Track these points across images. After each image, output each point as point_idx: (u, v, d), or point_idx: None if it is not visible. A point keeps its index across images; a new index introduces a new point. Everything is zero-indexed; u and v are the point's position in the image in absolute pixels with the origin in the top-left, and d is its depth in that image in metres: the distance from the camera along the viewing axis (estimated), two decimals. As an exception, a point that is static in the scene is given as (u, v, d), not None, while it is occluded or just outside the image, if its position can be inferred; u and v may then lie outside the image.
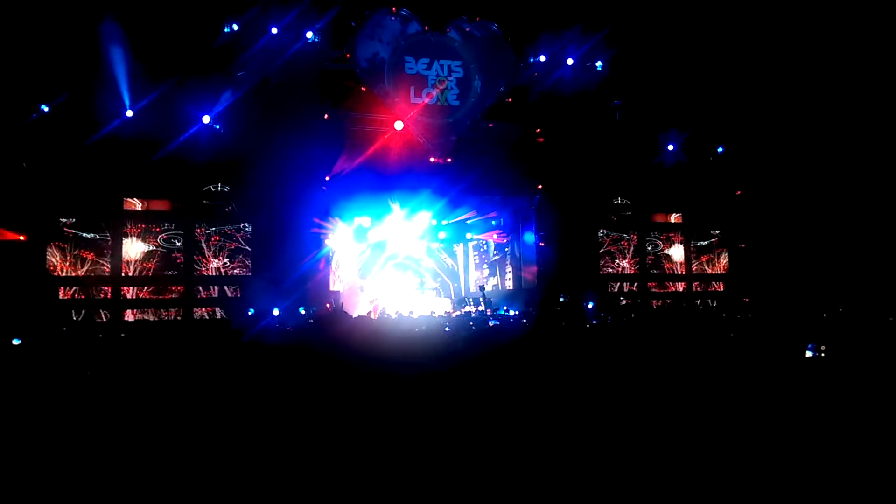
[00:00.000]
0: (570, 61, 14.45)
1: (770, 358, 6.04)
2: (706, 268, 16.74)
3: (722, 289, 16.71)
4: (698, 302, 16.36)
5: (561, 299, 13.57)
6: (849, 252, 14.35)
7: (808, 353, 5.88)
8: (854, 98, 13.84)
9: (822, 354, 5.87)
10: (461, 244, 17.76)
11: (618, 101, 15.36)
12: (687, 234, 16.67)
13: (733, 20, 14.10)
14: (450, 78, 14.51)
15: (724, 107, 14.95)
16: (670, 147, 15.21)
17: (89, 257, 12.39)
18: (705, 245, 16.72)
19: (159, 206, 13.21)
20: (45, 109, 11.69)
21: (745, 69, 14.41)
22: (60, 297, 12.13)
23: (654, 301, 16.15)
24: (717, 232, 16.80)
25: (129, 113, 12.10)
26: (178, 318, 12.78)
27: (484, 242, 17.79)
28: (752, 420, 4.20)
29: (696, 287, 16.62)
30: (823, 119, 14.27)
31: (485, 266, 17.96)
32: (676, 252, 16.63)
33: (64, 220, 12.27)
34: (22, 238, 11.58)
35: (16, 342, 6.17)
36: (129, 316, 12.64)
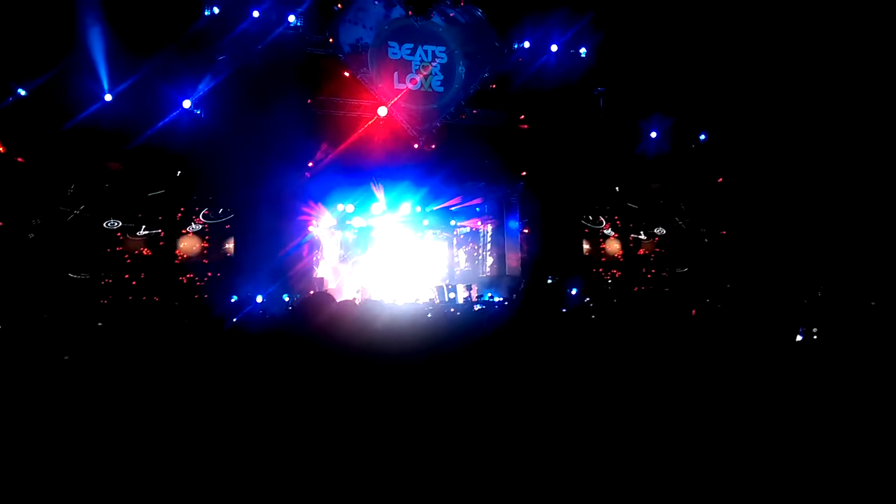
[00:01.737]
0: (554, 48, 14.41)
1: (752, 340, 6.10)
2: (689, 253, 16.87)
3: (703, 274, 16.86)
4: (681, 287, 16.50)
5: (549, 280, 13.64)
6: (830, 238, 14.50)
7: (798, 337, 5.94)
8: (835, 85, 13.94)
9: (814, 336, 5.93)
10: (443, 231, 17.71)
11: (601, 89, 15.36)
12: (669, 220, 16.78)
13: (716, 4, 14.11)
14: (434, 63, 14.43)
15: (708, 94, 15.00)
16: (653, 134, 15.26)
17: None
18: (687, 232, 16.84)
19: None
20: (22, 93, 11.47)
21: (730, 56, 14.44)
22: (40, 282, 11.98)
23: (638, 286, 16.26)
24: (699, 218, 16.92)
25: (108, 97, 11.91)
26: (159, 304, 12.68)
27: (466, 231, 17.74)
28: (733, 403, 4.24)
29: (679, 272, 16.77)
30: (805, 105, 14.36)
31: (464, 253, 17.92)
32: (659, 238, 16.76)
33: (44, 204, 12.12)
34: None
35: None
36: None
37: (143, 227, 13.00)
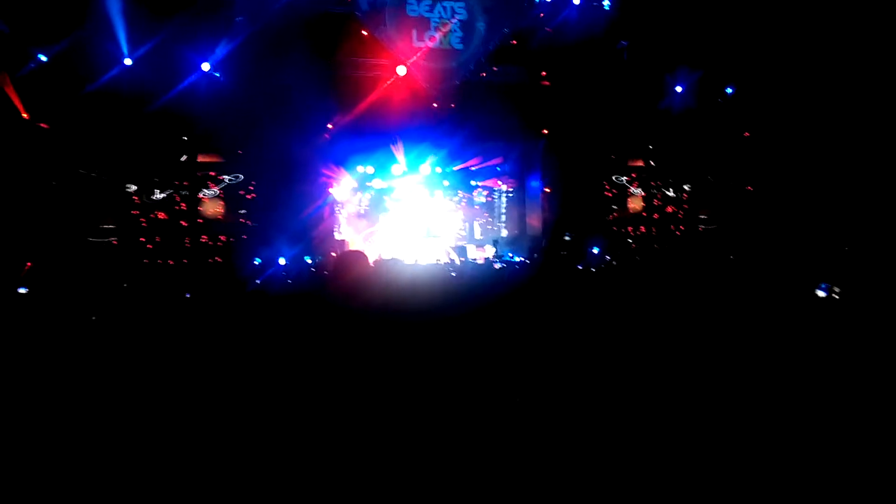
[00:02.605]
0: (576, 0, 14.04)
1: (776, 297, 6.03)
2: (716, 210, 16.60)
3: (728, 231, 16.59)
4: (706, 245, 16.30)
5: (566, 238, 13.58)
6: (859, 195, 14.13)
7: (820, 293, 5.83)
8: (870, 36, 13.40)
9: (836, 295, 5.81)
10: (463, 192, 17.57)
11: (625, 42, 14.96)
12: (695, 177, 16.48)
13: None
14: (453, 20, 14.14)
15: (735, 47, 14.51)
16: (679, 88, 14.88)
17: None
18: (713, 188, 16.54)
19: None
20: (43, 59, 11.50)
21: (758, 6, 13.92)
22: (64, 245, 12.20)
23: (662, 244, 16.09)
24: (726, 174, 16.58)
25: (128, 61, 11.93)
26: (182, 267, 12.88)
27: (483, 199, 17.49)
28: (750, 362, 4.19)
29: (706, 229, 16.54)
30: (837, 58, 13.86)
31: (481, 217, 17.77)
32: (686, 195, 16.52)
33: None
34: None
35: (22, 291, 6.21)
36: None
37: (164, 190, 13.13)
